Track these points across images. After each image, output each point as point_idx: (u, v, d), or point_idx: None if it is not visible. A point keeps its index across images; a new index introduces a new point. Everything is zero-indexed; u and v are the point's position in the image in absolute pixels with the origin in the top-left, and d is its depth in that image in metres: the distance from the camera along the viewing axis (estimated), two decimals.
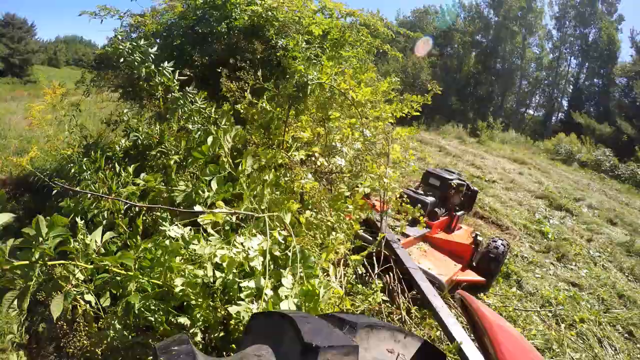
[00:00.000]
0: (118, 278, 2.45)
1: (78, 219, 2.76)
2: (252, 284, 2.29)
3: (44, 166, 7.47)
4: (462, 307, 2.00)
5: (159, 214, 3.08)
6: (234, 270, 2.30)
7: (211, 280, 2.31)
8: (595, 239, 8.37)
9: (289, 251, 2.50)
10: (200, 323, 2.27)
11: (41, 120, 4.15)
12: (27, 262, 2.20)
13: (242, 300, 2.24)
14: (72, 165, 4.12)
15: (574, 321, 5.14)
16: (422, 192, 6.46)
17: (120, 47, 3.43)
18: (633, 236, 8.86)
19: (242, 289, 2.28)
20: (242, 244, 2.46)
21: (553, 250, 7.30)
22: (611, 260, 7.40)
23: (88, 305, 2.96)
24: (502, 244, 5.66)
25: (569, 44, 35.48)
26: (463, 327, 3.20)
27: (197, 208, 2.82)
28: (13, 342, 3.54)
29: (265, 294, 2.23)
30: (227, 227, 2.80)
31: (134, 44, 3.50)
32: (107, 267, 2.40)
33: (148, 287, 2.38)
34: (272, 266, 2.38)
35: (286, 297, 2.22)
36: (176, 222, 2.79)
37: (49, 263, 2.29)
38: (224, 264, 2.30)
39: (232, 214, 2.82)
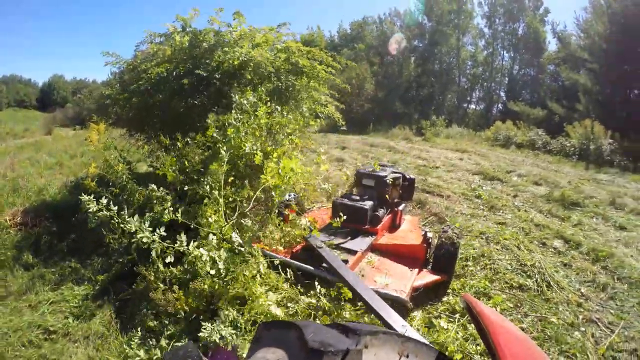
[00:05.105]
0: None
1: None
2: None
3: (61, 196, 8.56)
4: (468, 311, 1.93)
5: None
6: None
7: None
8: (520, 195, 9.95)
9: None
10: None
11: (98, 146, 5.25)
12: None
13: None
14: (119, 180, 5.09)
15: (499, 241, 6.78)
16: (357, 197, 6.08)
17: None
18: (553, 189, 10.38)
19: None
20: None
21: (485, 205, 8.94)
22: (533, 207, 8.95)
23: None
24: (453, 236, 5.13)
25: (501, 40, 37.27)
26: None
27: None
28: (101, 306, 4.69)
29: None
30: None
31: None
32: None
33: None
34: None
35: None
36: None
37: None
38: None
39: None
